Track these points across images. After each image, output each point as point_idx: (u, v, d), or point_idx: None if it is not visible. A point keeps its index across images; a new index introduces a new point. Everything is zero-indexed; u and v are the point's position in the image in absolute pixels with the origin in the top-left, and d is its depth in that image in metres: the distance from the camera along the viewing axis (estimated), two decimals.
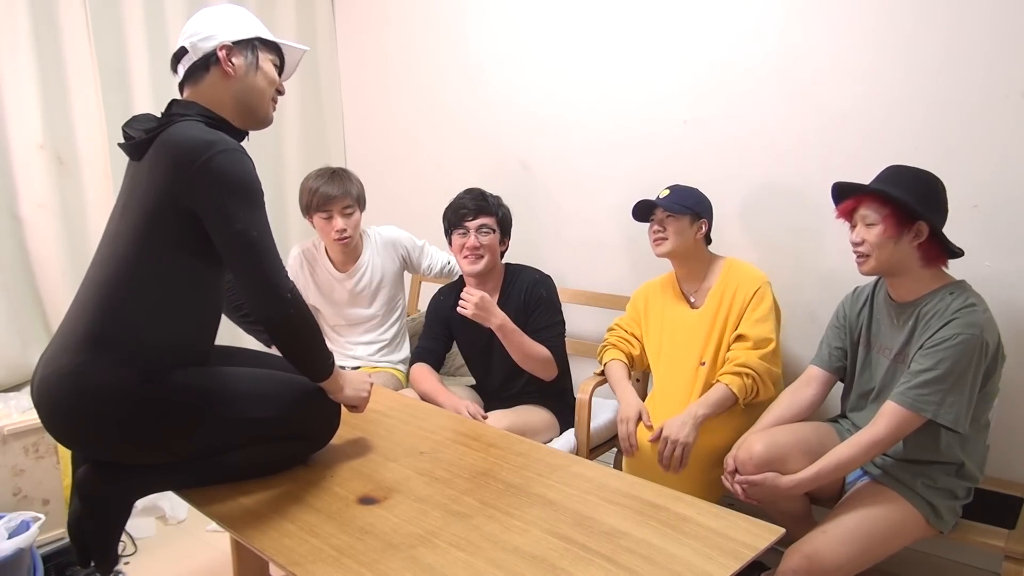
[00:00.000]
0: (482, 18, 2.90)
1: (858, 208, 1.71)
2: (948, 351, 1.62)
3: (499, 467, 1.60)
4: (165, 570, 2.35)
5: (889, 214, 1.66)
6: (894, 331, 1.79)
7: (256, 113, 1.61)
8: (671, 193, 2.14)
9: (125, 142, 1.54)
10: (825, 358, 1.94)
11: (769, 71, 2.24)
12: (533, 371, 2.24)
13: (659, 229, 2.13)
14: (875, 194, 1.68)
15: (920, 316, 1.71)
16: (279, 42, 1.65)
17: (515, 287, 2.31)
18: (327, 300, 2.60)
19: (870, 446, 1.65)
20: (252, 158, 1.51)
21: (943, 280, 1.73)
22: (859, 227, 1.72)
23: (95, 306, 1.45)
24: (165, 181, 1.43)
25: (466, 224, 2.24)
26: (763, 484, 1.73)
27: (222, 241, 1.44)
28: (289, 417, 1.57)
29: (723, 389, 2.02)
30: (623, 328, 2.32)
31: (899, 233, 1.67)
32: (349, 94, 3.47)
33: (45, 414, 1.46)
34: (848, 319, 1.91)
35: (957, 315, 1.64)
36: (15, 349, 2.53)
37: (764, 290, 2.10)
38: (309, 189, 2.45)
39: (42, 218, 2.57)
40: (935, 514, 1.70)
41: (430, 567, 1.24)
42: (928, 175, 1.71)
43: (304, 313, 1.49)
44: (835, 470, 1.68)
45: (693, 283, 2.22)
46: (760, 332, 2.06)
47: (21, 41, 2.47)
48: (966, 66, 1.94)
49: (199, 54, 1.54)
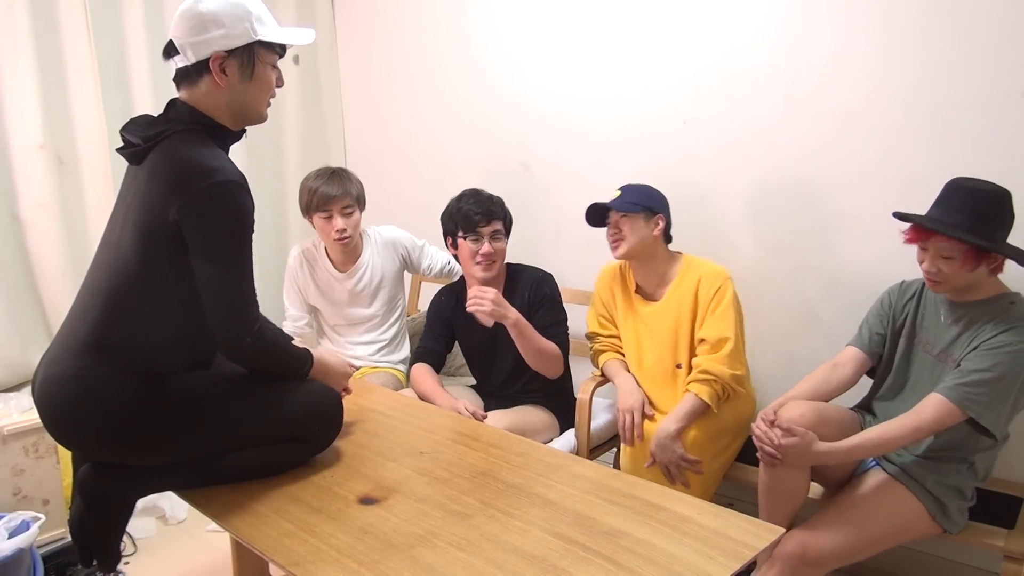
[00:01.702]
0: (482, 18, 2.90)
1: (929, 239, 1.67)
2: (1005, 356, 1.62)
3: (499, 467, 1.60)
4: (165, 570, 2.35)
5: (968, 250, 1.64)
6: (940, 328, 1.78)
7: (249, 116, 1.59)
8: (622, 193, 2.12)
9: (124, 147, 1.53)
10: (865, 340, 1.92)
11: (769, 71, 2.24)
12: (542, 369, 2.23)
13: (615, 231, 2.11)
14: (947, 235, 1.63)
15: (974, 318, 1.70)
16: (282, 41, 1.57)
17: (519, 286, 2.31)
18: (327, 300, 2.60)
19: (914, 431, 1.65)
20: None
21: (1001, 288, 1.73)
22: (933, 256, 1.68)
23: (98, 310, 1.45)
24: (163, 197, 1.42)
25: (479, 230, 2.21)
26: (802, 439, 1.67)
27: (198, 271, 1.44)
28: (290, 421, 1.56)
29: (693, 399, 2.01)
30: (601, 335, 2.31)
31: (977, 265, 1.66)
32: (349, 94, 3.47)
33: (46, 416, 1.46)
34: (894, 308, 1.89)
35: (1020, 323, 1.64)
36: (15, 349, 2.53)
37: (725, 287, 2.07)
38: (309, 189, 2.45)
39: (42, 218, 2.57)
40: (943, 513, 1.70)
41: (430, 567, 1.24)
42: (995, 192, 1.66)
43: (262, 358, 1.52)
44: (875, 448, 1.67)
45: (651, 283, 2.20)
46: (716, 332, 2.04)
47: (21, 41, 2.47)
48: (967, 66, 1.93)
49: (191, 60, 1.49)
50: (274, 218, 3.29)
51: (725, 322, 2.04)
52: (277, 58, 1.59)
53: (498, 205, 2.27)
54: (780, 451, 1.69)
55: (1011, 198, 1.66)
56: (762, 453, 1.74)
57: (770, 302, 2.31)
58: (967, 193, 1.67)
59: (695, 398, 2.00)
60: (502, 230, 2.26)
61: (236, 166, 1.49)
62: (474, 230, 2.21)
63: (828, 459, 1.69)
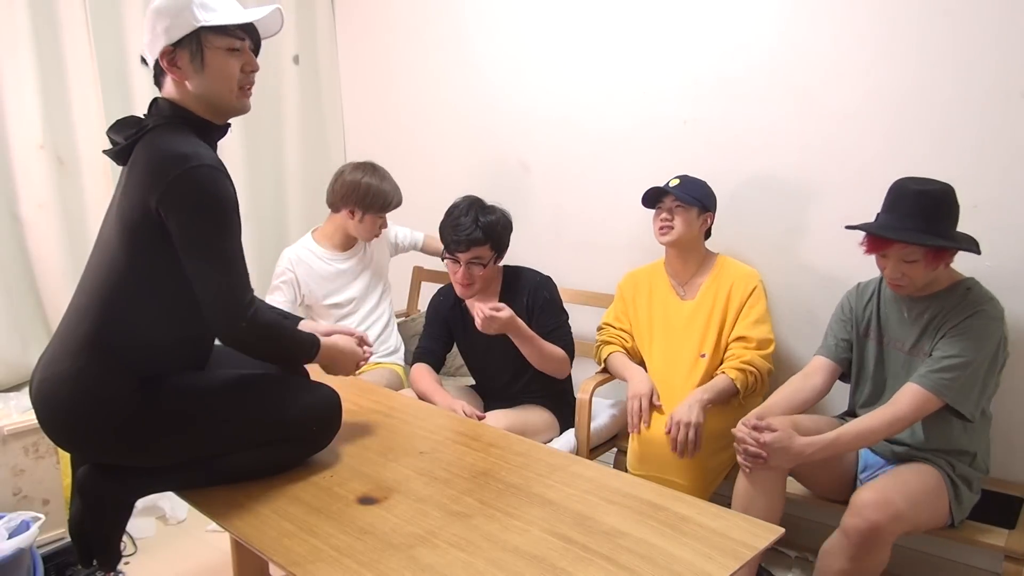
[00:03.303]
0: (482, 18, 2.90)
1: (889, 247, 1.71)
2: (973, 340, 1.67)
3: (499, 467, 1.60)
4: (165, 570, 2.35)
5: (929, 250, 1.68)
6: (905, 325, 1.81)
7: (221, 107, 1.52)
8: (681, 183, 2.16)
9: (111, 148, 1.53)
10: (832, 348, 1.95)
11: (769, 71, 2.24)
12: (551, 372, 2.25)
13: (667, 218, 2.16)
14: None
15: (937, 310, 1.75)
16: (227, 22, 1.47)
17: (516, 290, 2.30)
18: (317, 286, 2.61)
19: (892, 421, 1.68)
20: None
21: (955, 276, 1.77)
22: (896, 263, 1.71)
23: (93, 311, 1.45)
24: (141, 191, 1.42)
25: (457, 255, 2.19)
26: (780, 437, 1.70)
27: (185, 257, 1.43)
28: (288, 420, 1.56)
29: (727, 380, 2.09)
30: (613, 326, 2.35)
31: (939, 262, 1.70)
32: (349, 94, 3.47)
33: (43, 418, 1.46)
34: (855, 312, 1.93)
35: (983, 308, 1.69)
36: (15, 349, 2.53)
37: (760, 289, 2.17)
38: (368, 188, 2.52)
39: (42, 218, 2.57)
40: (957, 498, 1.73)
41: (430, 567, 1.24)
42: (940, 191, 1.70)
43: (259, 339, 1.50)
44: (855, 438, 1.70)
45: (685, 275, 2.25)
46: (761, 333, 2.13)
47: (21, 41, 2.47)
48: (967, 66, 1.93)
49: (151, 61, 1.49)
50: (274, 218, 3.29)
51: (767, 325, 2.16)
52: (236, 41, 1.49)
53: (485, 230, 2.16)
54: (764, 448, 1.71)
55: (955, 192, 1.71)
56: (744, 456, 1.76)
57: (769, 302, 2.30)
58: (915, 196, 1.70)
59: (729, 381, 2.08)
60: (484, 257, 2.19)
61: (213, 152, 1.48)
62: (452, 254, 2.21)
63: (810, 452, 1.70)
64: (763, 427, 1.74)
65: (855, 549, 1.64)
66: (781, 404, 1.89)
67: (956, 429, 1.75)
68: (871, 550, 1.63)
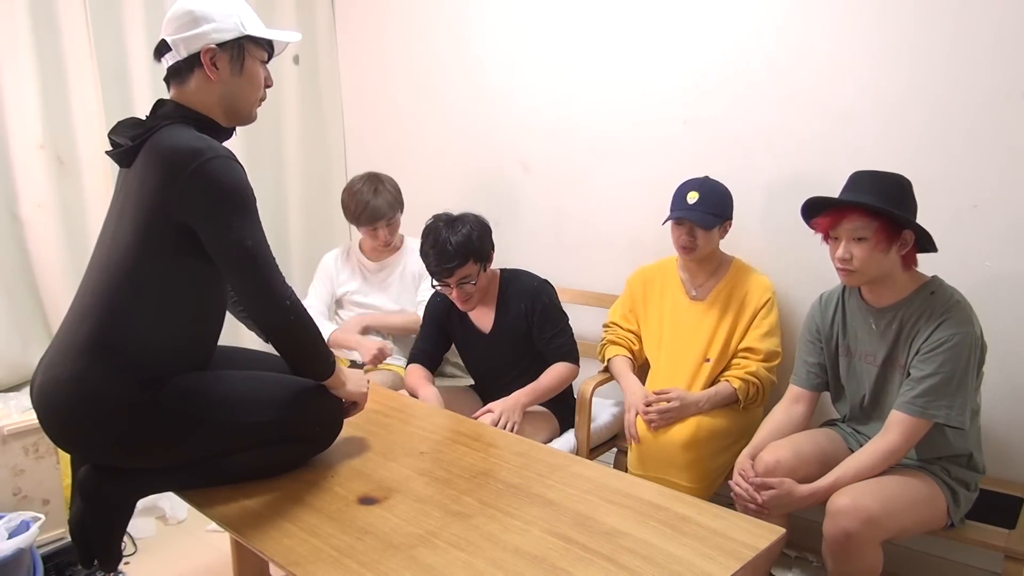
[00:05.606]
0: (482, 18, 2.90)
1: (840, 223, 1.67)
2: (947, 353, 1.62)
3: (499, 467, 1.60)
4: (165, 570, 2.35)
5: (879, 227, 1.63)
6: (874, 337, 1.78)
7: (240, 113, 1.59)
8: (700, 199, 2.10)
9: (113, 149, 1.53)
10: (803, 377, 1.93)
11: (769, 71, 2.24)
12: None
13: (690, 240, 2.12)
14: (860, 207, 1.64)
15: (904, 320, 1.71)
16: (269, 37, 1.59)
17: (513, 295, 2.29)
18: (352, 281, 2.75)
19: (887, 455, 1.67)
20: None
21: (919, 280, 1.73)
22: (846, 242, 1.66)
23: (95, 312, 1.45)
24: (156, 189, 1.42)
25: (445, 280, 2.18)
26: (779, 488, 1.69)
27: (217, 251, 1.43)
28: (290, 421, 1.56)
29: (729, 388, 2.09)
30: (620, 326, 2.34)
31: (889, 245, 1.65)
32: (349, 94, 3.47)
33: (45, 420, 1.46)
34: (822, 331, 1.89)
35: (948, 315, 1.64)
36: (15, 349, 2.53)
37: (773, 301, 2.16)
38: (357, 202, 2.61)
39: (42, 218, 2.57)
40: (955, 501, 1.72)
41: (430, 567, 1.24)
42: (898, 177, 1.69)
43: (303, 320, 1.49)
44: (854, 479, 1.67)
45: (699, 277, 2.23)
46: (770, 346, 2.13)
47: (21, 41, 2.47)
48: (967, 66, 1.93)
49: (182, 55, 1.50)
50: (273, 218, 3.28)
51: (776, 338, 2.15)
52: (266, 56, 1.61)
53: (460, 250, 2.11)
54: (763, 506, 1.71)
55: (912, 187, 1.69)
56: (743, 509, 1.73)
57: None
58: (873, 178, 1.69)
59: (732, 390, 2.09)
60: (471, 274, 2.17)
61: (223, 145, 1.49)
62: (440, 281, 2.21)
63: (813, 499, 1.69)
64: (759, 484, 1.71)
65: (835, 554, 1.65)
66: (768, 440, 1.86)
67: (947, 435, 1.72)
68: (850, 555, 1.63)
